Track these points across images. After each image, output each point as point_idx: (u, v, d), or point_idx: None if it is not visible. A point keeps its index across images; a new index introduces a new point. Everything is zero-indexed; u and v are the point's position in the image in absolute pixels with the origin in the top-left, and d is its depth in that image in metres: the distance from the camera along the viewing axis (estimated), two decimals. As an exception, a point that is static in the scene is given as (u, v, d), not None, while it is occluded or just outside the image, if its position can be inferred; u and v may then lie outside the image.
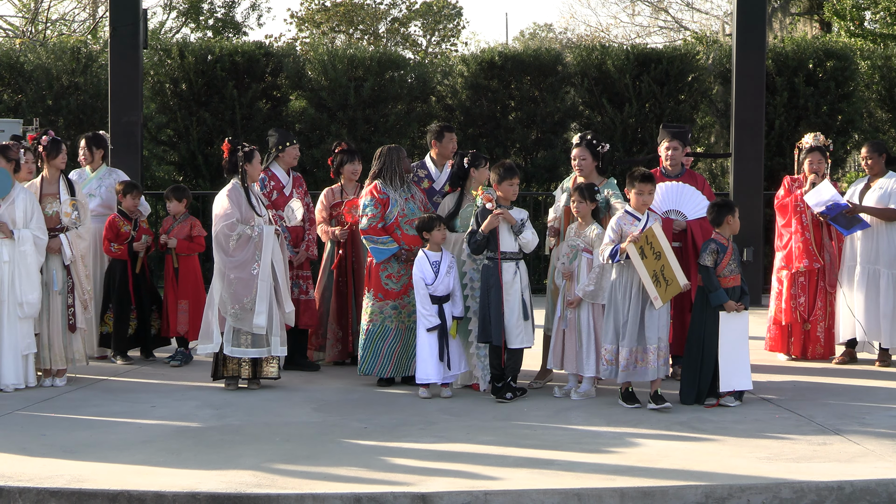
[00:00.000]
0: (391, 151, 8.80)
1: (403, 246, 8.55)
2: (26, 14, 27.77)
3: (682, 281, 7.59)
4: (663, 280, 7.57)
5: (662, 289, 7.57)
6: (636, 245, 7.56)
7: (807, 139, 9.65)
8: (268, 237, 8.32)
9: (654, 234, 7.57)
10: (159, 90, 15.34)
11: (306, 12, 31.82)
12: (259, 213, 8.45)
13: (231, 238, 8.27)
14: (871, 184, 9.47)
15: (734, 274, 7.85)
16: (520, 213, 8.08)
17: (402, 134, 15.09)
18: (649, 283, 7.57)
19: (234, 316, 8.27)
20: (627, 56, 15.27)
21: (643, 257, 7.55)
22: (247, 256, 8.30)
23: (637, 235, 7.58)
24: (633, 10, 32.87)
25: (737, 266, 7.88)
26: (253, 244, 8.29)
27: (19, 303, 8.30)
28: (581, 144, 8.52)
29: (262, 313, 8.25)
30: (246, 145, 8.55)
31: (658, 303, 7.58)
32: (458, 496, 5.74)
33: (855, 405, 7.82)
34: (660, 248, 7.56)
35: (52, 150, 8.70)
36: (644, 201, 7.83)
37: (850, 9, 19.95)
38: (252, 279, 8.26)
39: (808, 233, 9.41)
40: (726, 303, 7.76)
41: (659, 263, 7.55)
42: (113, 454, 6.50)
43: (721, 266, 7.80)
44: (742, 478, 5.97)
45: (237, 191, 8.43)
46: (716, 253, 7.80)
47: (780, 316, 9.56)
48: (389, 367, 8.52)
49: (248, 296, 8.25)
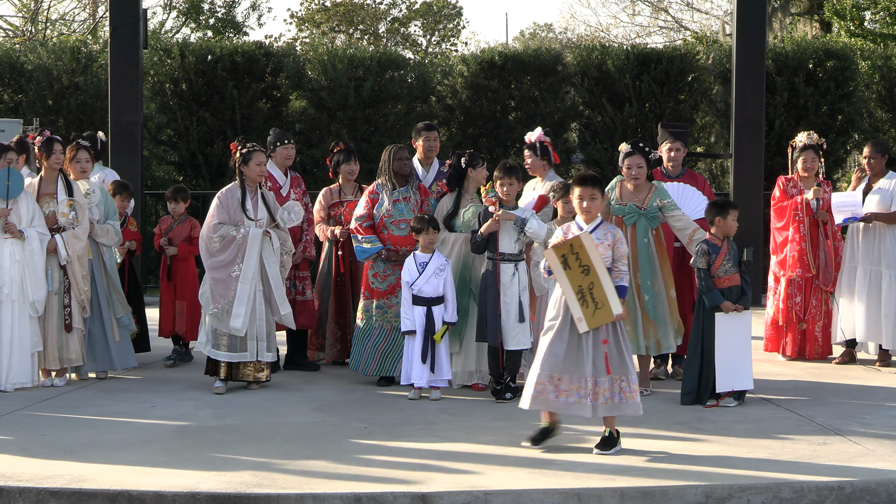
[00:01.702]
0: (387, 151, 8.83)
1: (388, 246, 8.55)
2: (26, 14, 27.77)
3: (615, 309, 6.47)
4: (591, 301, 6.47)
5: (590, 311, 6.47)
6: (557, 252, 6.55)
7: (800, 137, 9.65)
8: (253, 240, 8.24)
9: (581, 245, 6.49)
10: (159, 90, 15.35)
11: (306, 12, 31.82)
12: (252, 216, 8.35)
13: (213, 239, 8.26)
14: (872, 184, 9.47)
15: (729, 274, 7.77)
16: (523, 213, 8.06)
17: (402, 134, 15.08)
18: (573, 300, 6.48)
19: (213, 316, 8.27)
20: (627, 56, 15.27)
21: (566, 268, 6.50)
22: (228, 258, 8.25)
23: (560, 242, 6.57)
24: (633, 10, 32.87)
25: (733, 266, 7.79)
26: (236, 246, 8.23)
27: (30, 302, 8.38)
28: (635, 152, 8.21)
29: (240, 316, 8.18)
30: (249, 146, 8.48)
31: (582, 326, 6.48)
32: (458, 496, 5.74)
33: (855, 405, 7.82)
34: (589, 262, 6.47)
35: (45, 150, 8.71)
36: (585, 208, 6.66)
37: (850, 9, 19.95)
38: (231, 281, 8.21)
39: (805, 243, 9.38)
40: (723, 303, 7.71)
41: (587, 280, 6.46)
42: (113, 454, 6.50)
43: (714, 267, 7.74)
44: (742, 478, 5.97)
45: (230, 192, 8.40)
46: (707, 254, 7.75)
47: (777, 316, 9.57)
48: (373, 366, 8.54)
49: (225, 297, 8.21)
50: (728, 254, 7.78)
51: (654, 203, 8.17)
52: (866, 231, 9.40)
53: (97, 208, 8.92)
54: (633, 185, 8.24)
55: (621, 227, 8.19)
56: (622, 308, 6.53)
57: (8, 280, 8.32)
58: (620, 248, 6.65)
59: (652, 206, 8.16)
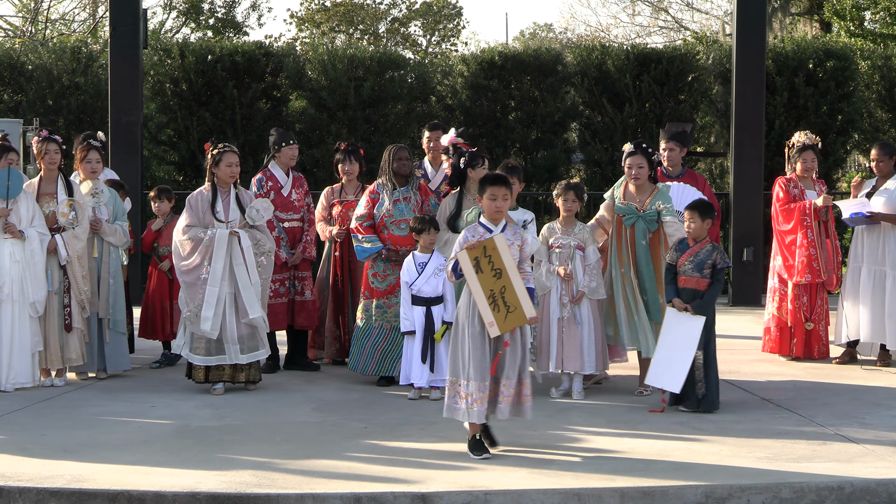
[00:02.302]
0: (387, 151, 8.84)
1: (388, 246, 8.55)
2: (26, 14, 27.77)
3: (528, 312, 6.41)
4: (503, 304, 6.37)
5: (501, 315, 6.37)
6: (470, 254, 6.44)
7: (797, 137, 9.64)
8: (220, 241, 8.17)
9: (494, 247, 6.40)
10: (159, 90, 15.35)
11: (306, 12, 31.83)
12: (222, 218, 8.27)
13: (182, 242, 8.25)
14: (878, 186, 9.45)
15: (688, 276, 7.60)
16: (524, 215, 8.06)
17: (402, 134, 15.10)
18: (484, 304, 6.38)
19: (187, 319, 8.25)
20: (627, 56, 15.27)
21: (478, 271, 6.40)
22: (196, 261, 8.21)
23: (474, 243, 6.45)
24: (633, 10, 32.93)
25: (695, 269, 7.58)
26: (204, 248, 8.18)
27: (31, 302, 8.39)
28: (637, 152, 8.20)
29: (208, 319, 8.13)
30: (221, 146, 8.39)
31: (494, 330, 6.38)
32: (458, 496, 5.73)
33: (855, 405, 7.81)
34: (501, 265, 6.39)
35: (40, 149, 8.71)
36: (497, 207, 6.57)
37: (850, 9, 19.95)
38: (200, 284, 8.18)
39: (814, 248, 9.35)
40: (673, 299, 7.61)
41: (499, 283, 6.37)
42: (113, 454, 6.50)
43: (678, 263, 7.67)
44: (742, 478, 5.97)
45: (200, 194, 8.34)
46: (675, 250, 7.71)
47: (785, 317, 9.52)
48: (372, 365, 8.54)
49: (194, 300, 8.19)
50: (694, 256, 7.62)
51: (653, 206, 8.14)
52: (871, 231, 9.39)
53: (106, 207, 8.93)
54: (635, 186, 8.24)
55: (620, 228, 8.20)
56: (535, 311, 6.50)
57: (8, 280, 8.32)
58: (526, 250, 6.65)
59: (651, 208, 8.15)
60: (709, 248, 7.63)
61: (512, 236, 6.56)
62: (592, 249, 8.09)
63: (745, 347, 10.18)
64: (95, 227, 8.80)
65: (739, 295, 13.43)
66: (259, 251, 8.36)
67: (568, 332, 8.09)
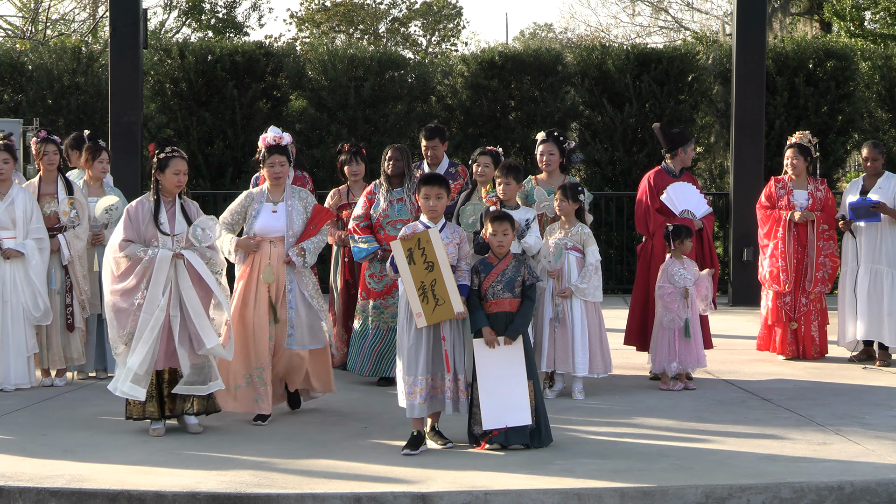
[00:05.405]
0: (385, 151, 8.82)
1: (385, 246, 8.55)
2: (26, 14, 27.77)
3: (456, 307, 6.49)
4: (432, 297, 6.49)
5: (430, 307, 6.50)
6: (404, 245, 6.55)
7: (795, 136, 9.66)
8: (161, 263, 6.94)
9: (429, 241, 6.52)
10: (159, 90, 15.36)
11: (306, 12, 31.83)
12: (167, 231, 7.07)
13: (118, 260, 7.02)
14: (870, 185, 9.48)
15: (498, 298, 6.68)
16: (525, 213, 8.04)
17: (402, 134, 15.10)
18: (413, 295, 6.50)
19: (114, 349, 7.08)
20: (627, 56, 15.27)
21: (411, 263, 6.51)
22: (132, 283, 6.96)
23: (408, 235, 6.57)
24: (633, 10, 32.95)
25: (505, 289, 6.68)
26: (142, 269, 6.96)
27: (36, 317, 8.39)
28: (548, 140, 8.68)
29: (141, 353, 6.87)
30: (167, 150, 7.21)
31: (421, 321, 6.51)
32: (458, 496, 5.73)
33: (855, 405, 7.81)
34: (434, 258, 6.50)
35: (38, 150, 8.72)
36: (430, 207, 6.66)
37: (850, 9, 19.96)
38: (132, 311, 6.94)
39: (783, 260, 9.38)
40: (483, 328, 6.62)
41: (430, 276, 6.49)
42: (113, 454, 6.50)
43: (483, 287, 6.74)
44: (742, 478, 5.97)
45: (141, 204, 7.17)
46: (475, 273, 6.76)
47: (768, 315, 9.58)
48: (369, 366, 8.54)
49: (125, 328, 6.94)
50: (501, 276, 6.72)
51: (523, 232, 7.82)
52: (867, 230, 9.41)
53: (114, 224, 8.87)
54: (546, 173, 8.60)
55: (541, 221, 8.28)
56: (463, 306, 6.58)
57: (9, 280, 8.32)
58: (465, 248, 6.78)
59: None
60: (514, 263, 6.79)
61: (451, 234, 6.73)
62: (591, 251, 8.05)
63: (745, 347, 10.18)
64: (98, 241, 8.77)
65: (739, 295, 13.44)
66: (215, 270, 7.15)
67: (559, 332, 8.08)
